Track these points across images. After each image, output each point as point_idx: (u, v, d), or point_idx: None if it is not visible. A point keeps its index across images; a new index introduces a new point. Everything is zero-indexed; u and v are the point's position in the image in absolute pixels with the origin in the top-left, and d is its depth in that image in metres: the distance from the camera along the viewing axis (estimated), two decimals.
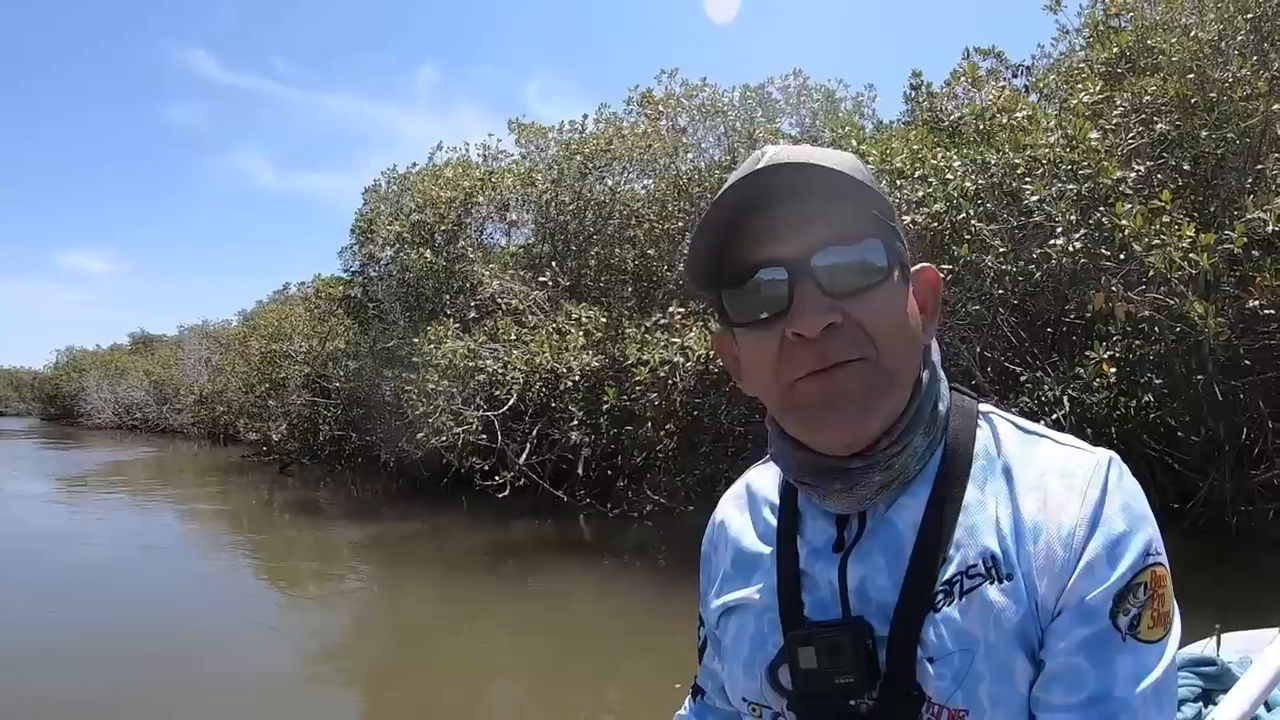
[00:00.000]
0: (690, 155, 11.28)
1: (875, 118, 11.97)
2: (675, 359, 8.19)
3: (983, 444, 0.85)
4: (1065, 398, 7.34)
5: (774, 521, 0.93)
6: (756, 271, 0.79)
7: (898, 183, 7.94)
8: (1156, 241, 6.47)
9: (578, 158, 11.75)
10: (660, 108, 10.53)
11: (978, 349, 8.19)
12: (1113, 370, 7.33)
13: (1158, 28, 8.11)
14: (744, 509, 0.98)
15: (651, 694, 5.55)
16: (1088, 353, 7.43)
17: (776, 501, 0.94)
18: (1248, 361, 7.67)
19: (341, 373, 14.43)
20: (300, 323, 15.78)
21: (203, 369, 25.88)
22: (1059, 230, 6.99)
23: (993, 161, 7.19)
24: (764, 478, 0.99)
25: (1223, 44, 8.17)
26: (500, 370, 9.00)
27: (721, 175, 10.68)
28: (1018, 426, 0.86)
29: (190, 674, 5.96)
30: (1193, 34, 8.19)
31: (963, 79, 8.81)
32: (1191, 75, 7.66)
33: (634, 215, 11.33)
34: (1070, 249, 6.80)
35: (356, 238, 13.83)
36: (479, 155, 13.37)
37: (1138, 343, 7.62)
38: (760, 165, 0.78)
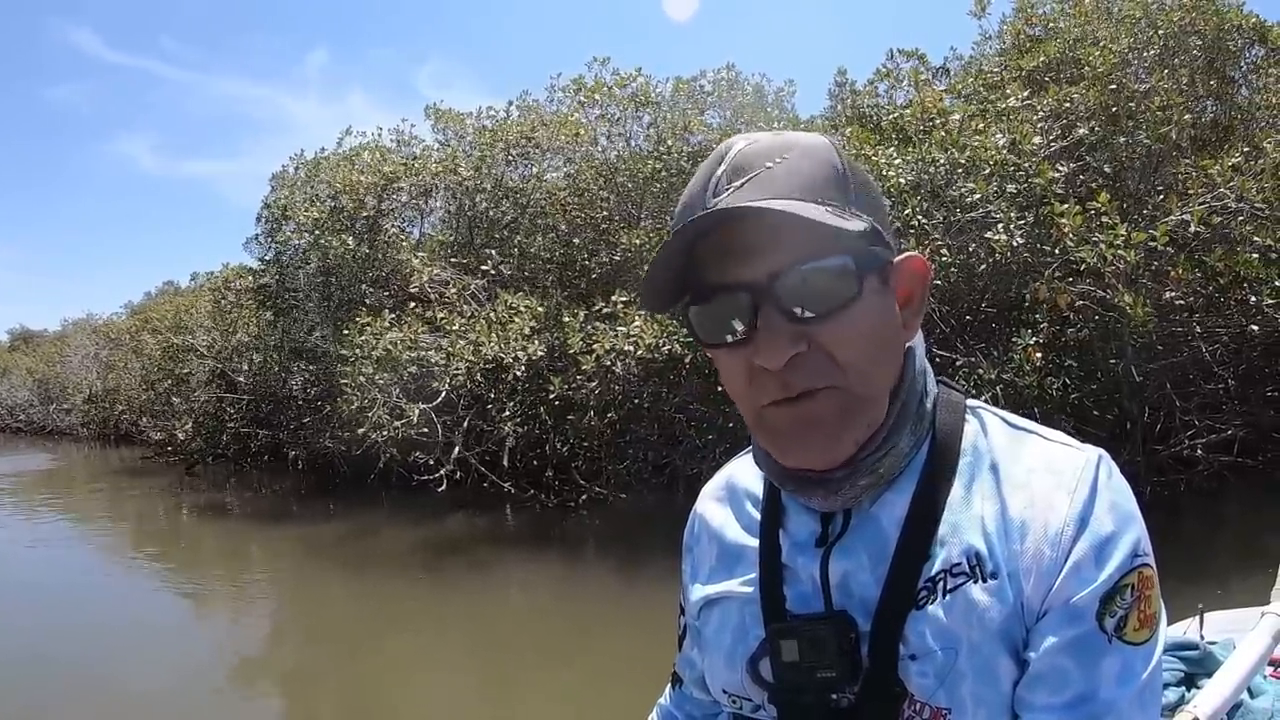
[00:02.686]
0: (619, 144, 11.20)
1: (794, 113, 12.20)
2: (625, 347, 8.11)
3: (970, 439, 0.84)
4: (1000, 381, 7.70)
5: (757, 514, 0.91)
6: (719, 292, 0.76)
7: None
8: (1094, 239, 6.85)
9: (500, 144, 11.51)
10: (595, 95, 10.40)
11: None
12: (1038, 355, 7.73)
13: (1083, 40, 8.57)
14: (726, 502, 0.97)
15: (599, 690, 5.51)
16: (1014, 339, 7.83)
17: (759, 493, 0.92)
18: (1159, 347, 8.21)
19: (247, 366, 13.68)
20: (201, 315, 14.86)
21: (92, 366, 24.06)
22: (999, 226, 7.31)
23: (941, 160, 7.43)
24: (747, 469, 0.96)
25: (1130, 56, 8.72)
26: (442, 361, 8.71)
27: (655, 165, 10.63)
28: (1007, 422, 0.85)
29: (110, 691, 5.66)
30: (1102, 45, 8.70)
31: (904, 82, 9.08)
32: (1114, 87, 8.12)
33: (561, 204, 11.17)
34: (1014, 244, 7.14)
35: (266, 225, 13.16)
36: (392, 141, 12.94)
37: (1056, 329, 8.06)
38: (721, 170, 0.76)
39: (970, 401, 0.87)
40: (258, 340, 13.51)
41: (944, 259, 7.79)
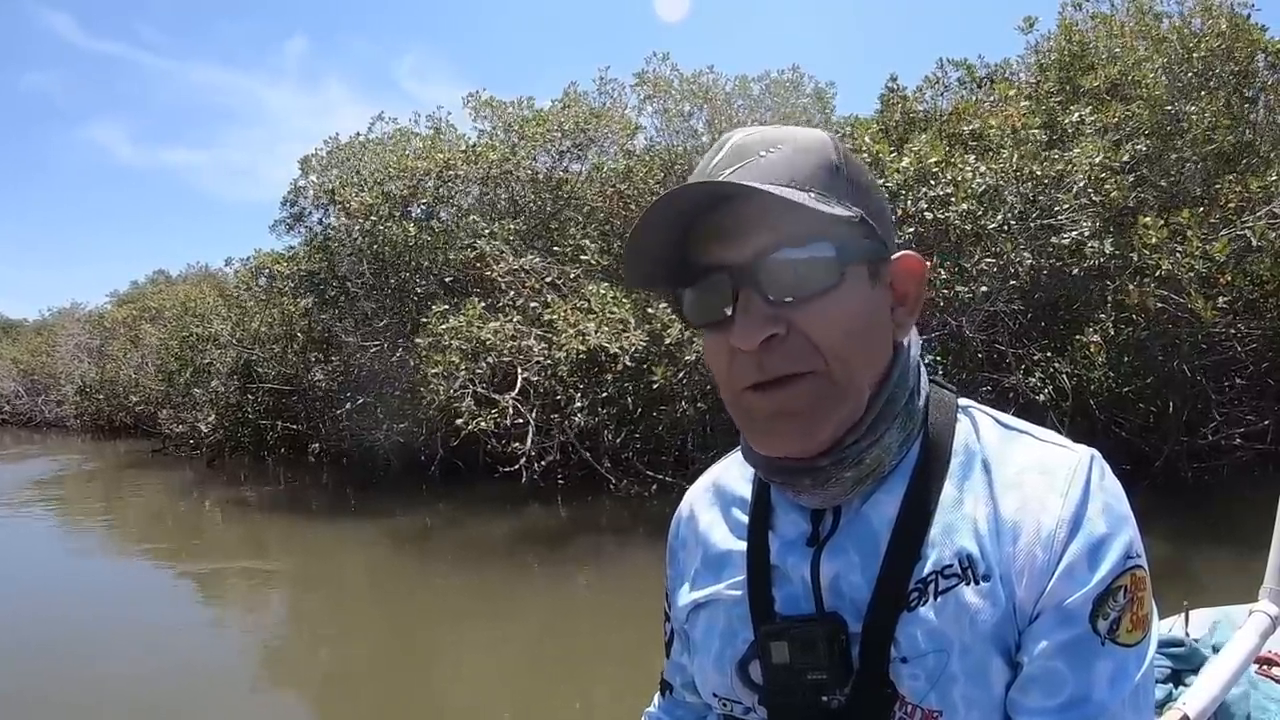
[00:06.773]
0: (676, 139, 12.05)
1: (832, 114, 13.25)
2: None
3: (962, 439, 0.87)
4: (1074, 376, 8.95)
5: (744, 517, 0.95)
6: (706, 274, 0.81)
7: (929, 182, 9.17)
8: (1170, 248, 8.12)
9: (556, 133, 12.20)
10: (668, 90, 11.22)
11: (1002, 332, 9.67)
12: (1100, 353, 8.99)
13: (1139, 64, 9.83)
14: (712, 505, 1.01)
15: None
16: (1077, 336, 9.09)
17: (746, 496, 0.96)
18: (1204, 346, 9.60)
19: (268, 356, 13.97)
20: (218, 304, 15.01)
21: (83, 356, 23.62)
22: (1088, 234, 8.52)
23: (1039, 172, 8.57)
24: (731, 472, 1.01)
25: (1166, 77, 10.06)
26: (544, 350, 9.40)
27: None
28: (998, 421, 0.89)
29: (137, 688, 5.81)
30: (1135, 60, 10.02)
31: (951, 90, 10.18)
32: (1170, 108, 9.42)
33: (620, 194, 11.93)
34: (1105, 250, 8.37)
35: (290, 211, 13.58)
36: (429, 128, 13.50)
37: (1120, 329, 9.36)
38: (718, 158, 0.80)
39: (961, 400, 0.91)
40: (283, 328, 13.91)
41: (1028, 260, 8.99)
